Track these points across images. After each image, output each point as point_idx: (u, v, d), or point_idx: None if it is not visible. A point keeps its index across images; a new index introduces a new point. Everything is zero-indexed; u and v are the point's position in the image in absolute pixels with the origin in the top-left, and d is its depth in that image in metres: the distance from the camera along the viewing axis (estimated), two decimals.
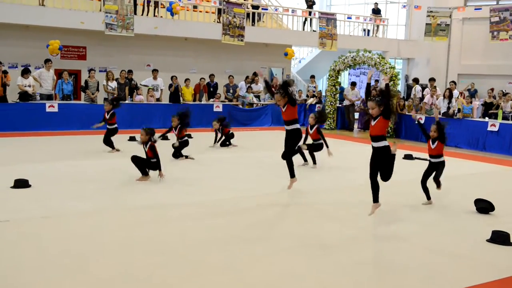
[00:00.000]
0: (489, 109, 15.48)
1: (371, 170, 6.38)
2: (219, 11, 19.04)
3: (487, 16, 19.38)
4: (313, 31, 21.76)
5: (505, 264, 5.18)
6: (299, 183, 7.83)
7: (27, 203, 6.79)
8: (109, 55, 18.10)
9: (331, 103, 17.82)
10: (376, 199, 6.41)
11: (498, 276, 4.83)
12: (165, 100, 16.87)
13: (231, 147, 12.53)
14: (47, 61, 14.82)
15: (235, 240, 5.62)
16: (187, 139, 10.80)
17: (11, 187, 7.54)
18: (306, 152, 10.27)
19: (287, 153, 7.55)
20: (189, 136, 13.38)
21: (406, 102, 16.58)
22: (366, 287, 4.54)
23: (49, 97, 14.89)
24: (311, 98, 19.01)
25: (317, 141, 10.21)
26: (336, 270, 4.87)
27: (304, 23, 22.23)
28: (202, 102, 17.41)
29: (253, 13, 20.13)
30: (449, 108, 14.67)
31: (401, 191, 8.13)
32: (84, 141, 12.59)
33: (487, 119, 14.30)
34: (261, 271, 4.78)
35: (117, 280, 4.45)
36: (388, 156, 6.34)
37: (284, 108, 7.44)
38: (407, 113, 15.93)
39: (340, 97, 18.28)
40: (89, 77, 15.60)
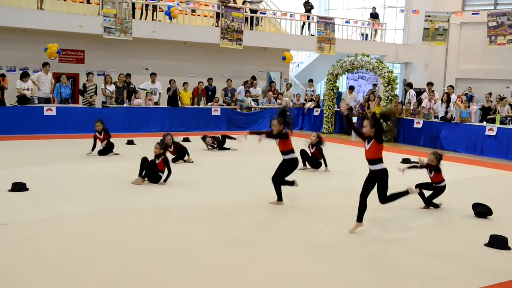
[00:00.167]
0: (487, 113, 15.52)
1: (363, 190, 6.04)
2: (217, 15, 19.07)
3: (484, 21, 19.43)
4: (311, 35, 21.82)
5: (503, 268, 5.19)
6: (297, 186, 7.81)
7: (24, 206, 6.78)
8: (107, 58, 18.11)
9: (329, 107, 17.84)
10: (360, 219, 6.10)
11: (496, 280, 4.84)
12: (163, 104, 16.87)
13: (231, 150, 12.55)
14: (45, 64, 14.82)
15: (234, 242, 5.63)
16: (111, 142, 11.05)
17: (9, 190, 7.52)
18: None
19: (277, 179, 7.31)
20: (187, 140, 13.42)
21: (404, 107, 16.61)
22: None
23: (47, 100, 14.88)
24: (309, 102, 19.03)
25: (317, 159, 10.30)
26: (335, 272, 4.88)
27: (302, 27, 22.28)
28: (200, 106, 17.41)
29: (251, 17, 20.18)
30: (447, 113, 14.70)
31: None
32: (82, 144, 12.54)
33: (485, 123, 14.32)
34: (260, 273, 4.78)
35: (115, 282, 4.44)
36: (385, 179, 6.08)
37: (277, 140, 7.23)
38: (405, 117, 15.97)
39: (338, 102, 18.30)
40: (87, 80, 15.59)
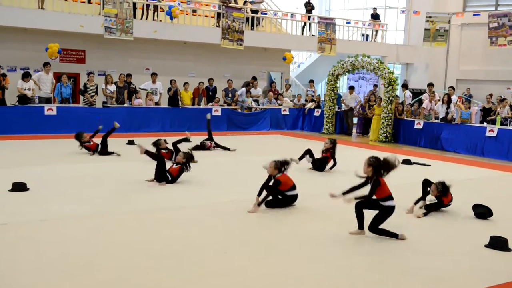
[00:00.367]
0: (487, 114, 15.51)
1: (360, 202, 5.96)
2: (218, 15, 19.07)
3: (485, 22, 19.44)
4: (312, 35, 21.81)
5: (503, 269, 5.19)
6: (297, 187, 7.82)
7: (25, 206, 6.78)
8: (108, 58, 18.11)
9: (330, 107, 17.83)
10: (361, 226, 6.06)
11: (496, 281, 4.83)
12: (164, 104, 16.86)
13: (231, 150, 12.55)
14: (46, 64, 14.82)
15: (234, 242, 5.63)
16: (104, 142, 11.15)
17: (9, 190, 7.52)
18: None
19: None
20: (187, 140, 13.41)
21: (404, 107, 16.60)
22: None
23: (47, 100, 14.89)
24: (309, 103, 19.03)
25: (325, 163, 10.32)
26: (335, 272, 4.88)
27: (303, 27, 22.28)
28: (201, 106, 17.41)
29: (252, 18, 20.17)
30: (447, 113, 14.70)
31: (399, 195, 8.08)
32: None
33: (485, 124, 14.32)
34: (260, 273, 4.78)
35: (115, 282, 4.44)
36: (385, 214, 5.99)
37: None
38: (405, 118, 15.97)
39: (338, 103, 18.29)
40: (88, 80, 15.60)
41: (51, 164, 9.88)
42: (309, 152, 10.46)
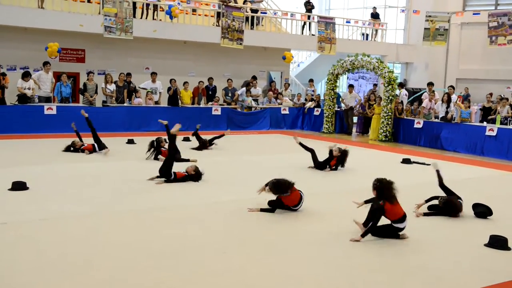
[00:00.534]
0: (487, 114, 15.51)
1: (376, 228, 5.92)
2: (218, 14, 19.06)
3: (485, 21, 19.43)
4: (312, 35, 21.80)
5: (503, 268, 5.19)
6: (297, 186, 7.81)
7: (24, 206, 6.77)
8: (108, 58, 18.10)
9: (330, 107, 17.82)
10: (363, 235, 5.92)
11: (496, 280, 4.83)
12: (163, 103, 16.84)
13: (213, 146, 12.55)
14: (45, 63, 14.81)
15: (234, 242, 5.63)
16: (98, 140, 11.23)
17: (9, 189, 7.52)
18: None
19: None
20: (187, 140, 13.42)
21: (404, 107, 16.60)
22: None
23: (47, 99, 14.88)
24: (309, 102, 19.03)
25: (327, 163, 10.26)
26: (335, 272, 4.88)
27: (303, 27, 22.27)
28: (201, 106, 17.41)
29: (252, 17, 20.16)
30: (447, 113, 14.70)
31: (399, 195, 8.10)
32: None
33: (485, 123, 14.32)
34: (260, 273, 4.78)
35: (115, 282, 4.44)
36: (389, 230, 5.97)
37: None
38: (405, 117, 15.97)
39: (337, 102, 18.29)
40: (87, 79, 15.58)
41: (50, 164, 9.87)
42: (312, 153, 10.38)
